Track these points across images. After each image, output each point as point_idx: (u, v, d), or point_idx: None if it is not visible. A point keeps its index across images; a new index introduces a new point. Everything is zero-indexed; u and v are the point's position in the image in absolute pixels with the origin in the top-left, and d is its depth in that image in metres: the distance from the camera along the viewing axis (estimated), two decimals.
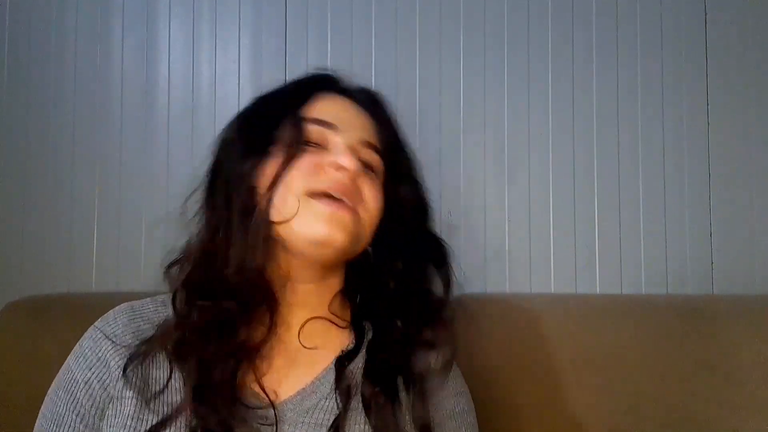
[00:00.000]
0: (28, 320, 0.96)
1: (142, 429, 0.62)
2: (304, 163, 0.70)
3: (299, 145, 0.71)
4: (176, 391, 0.64)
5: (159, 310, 0.72)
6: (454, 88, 1.19)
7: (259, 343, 0.68)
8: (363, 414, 0.66)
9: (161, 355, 0.66)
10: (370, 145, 0.75)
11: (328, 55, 1.20)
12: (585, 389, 0.94)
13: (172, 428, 0.61)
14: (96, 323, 0.70)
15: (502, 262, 1.17)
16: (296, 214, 0.67)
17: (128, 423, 0.62)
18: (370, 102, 0.79)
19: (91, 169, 1.20)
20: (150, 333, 0.68)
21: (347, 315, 0.77)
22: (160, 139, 1.21)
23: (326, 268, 0.73)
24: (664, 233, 1.18)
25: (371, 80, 1.19)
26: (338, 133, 0.72)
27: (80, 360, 0.68)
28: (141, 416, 0.63)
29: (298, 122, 0.72)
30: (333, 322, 0.74)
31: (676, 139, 1.19)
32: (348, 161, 0.69)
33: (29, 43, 1.21)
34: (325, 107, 0.75)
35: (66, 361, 0.69)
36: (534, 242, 1.17)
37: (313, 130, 0.72)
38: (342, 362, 0.70)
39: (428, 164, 1.16)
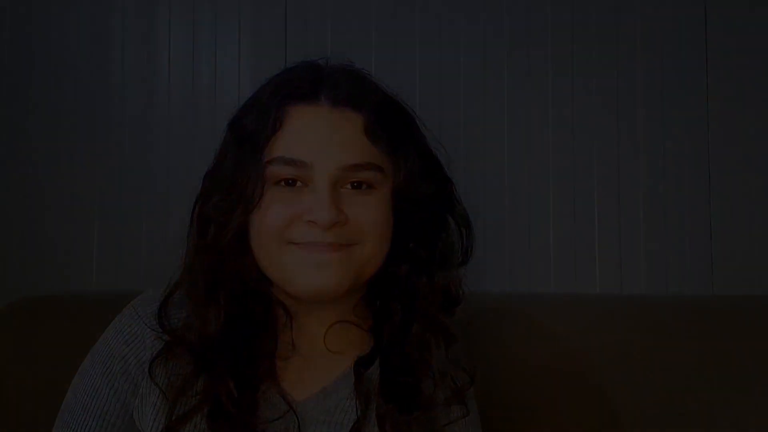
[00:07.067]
0: (28, 320, 0.96)
1: (164, 421, 0.61)
2: (275, 213, 0.63)
3: (277, 186, 0.64)
4: (198, 393, 0.63)
5: (175, 312, 0.68)
6: (454, 87, 1.19)
7: (281, 352, 0.67)
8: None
9: (187, 355, 0.64)
10: (358, 167, 0.64)
11: (328, 55, 1.19)
12: (585, 389, 0.94)
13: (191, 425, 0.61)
14: (134, 302, 0.69)
15: (502, 262, 1.17)
16: (282, 263, 0.63)
17: (151, 413, 0.63)
18: (356, 96, 0.68)
19: (91, 169, 1.20)
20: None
21: (370, 316, 0.72)
22: (160, 139, 1.21)
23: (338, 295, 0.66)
24: (664, 233, 1.18)
25: None
26: (313, 168, 0.62)
27: (118, 336, 0.67)
28: (164, 409, 0.62)
29: (268, 165, 0.63)
30: (356, 325, 0.70)
31: (676, 139, 1.19)
32: (321, 214, 0.61)
33: (29, 42, 1.21)
34: (298, 133, 0.64)
35: (103, 335, 0.68)
36: (534, 242, 1.17)
37: (286, 170, 0.63)
38: (359, 367, 0.67)
39: None
